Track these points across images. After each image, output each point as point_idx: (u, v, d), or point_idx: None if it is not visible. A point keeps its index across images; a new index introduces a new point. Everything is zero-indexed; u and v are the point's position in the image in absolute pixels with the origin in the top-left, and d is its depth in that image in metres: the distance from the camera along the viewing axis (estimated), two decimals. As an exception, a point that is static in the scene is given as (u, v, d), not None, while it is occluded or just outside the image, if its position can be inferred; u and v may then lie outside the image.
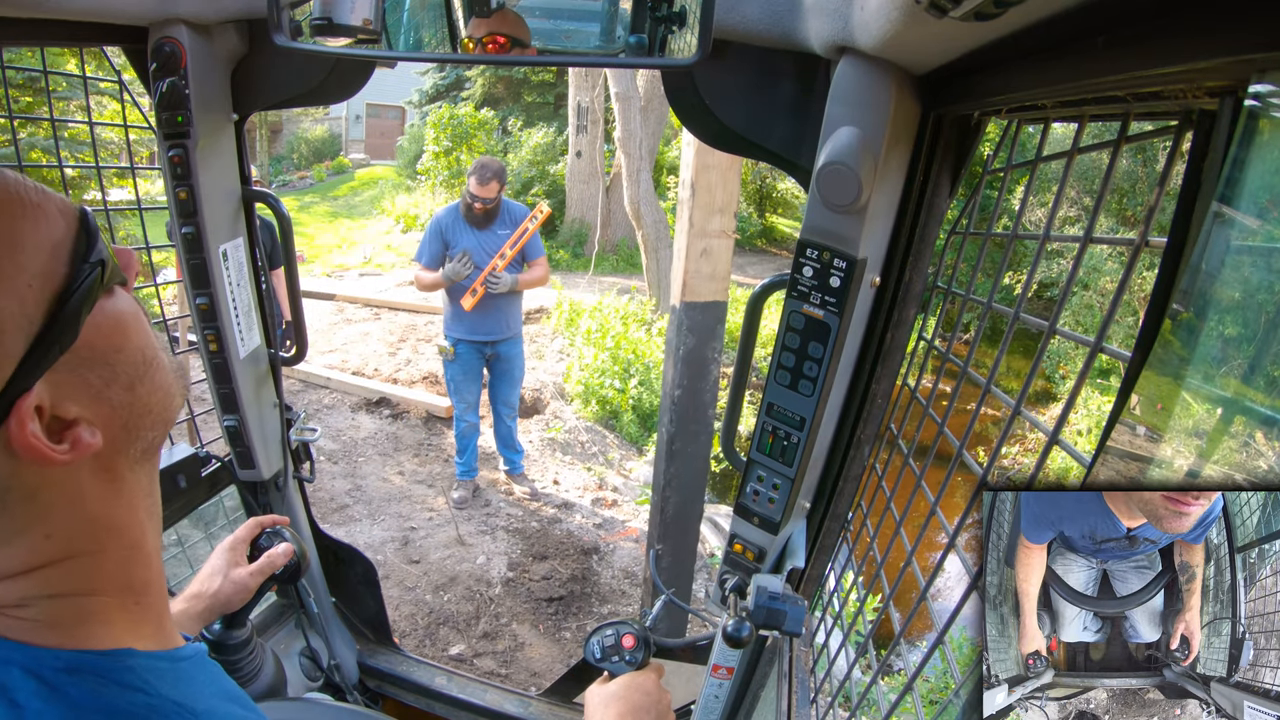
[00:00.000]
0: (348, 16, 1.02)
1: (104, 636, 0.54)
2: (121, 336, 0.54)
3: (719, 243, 3.23)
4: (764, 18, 0.98)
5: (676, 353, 3.30)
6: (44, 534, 0.52)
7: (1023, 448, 7.66)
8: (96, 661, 0.52)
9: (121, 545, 0.56)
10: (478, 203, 4.29)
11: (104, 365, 0.52)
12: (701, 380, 3.32)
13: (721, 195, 3.19)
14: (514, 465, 5.33)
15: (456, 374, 4.69)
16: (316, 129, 21.53)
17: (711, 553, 4.85)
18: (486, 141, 13.48)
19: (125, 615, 0.56)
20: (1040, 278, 9.24)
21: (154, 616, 0.59)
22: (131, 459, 0.56)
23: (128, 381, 0.54)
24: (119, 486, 0.55)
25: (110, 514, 0.55)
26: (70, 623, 0.53)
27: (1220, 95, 0.54)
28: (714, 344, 3.30)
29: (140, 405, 0.55)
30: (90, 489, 0.53)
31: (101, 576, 0.55)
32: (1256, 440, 0.59)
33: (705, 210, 3.18)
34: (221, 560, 1.23)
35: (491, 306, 4.46)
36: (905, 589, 1.04)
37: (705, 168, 3.13)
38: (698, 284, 3.24)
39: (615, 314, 8.31)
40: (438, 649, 3.80)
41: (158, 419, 0.57)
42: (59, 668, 0.50)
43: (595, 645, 1.23)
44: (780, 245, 14.64)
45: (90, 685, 0.51)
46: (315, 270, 11.84)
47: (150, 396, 0.56)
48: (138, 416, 0.55)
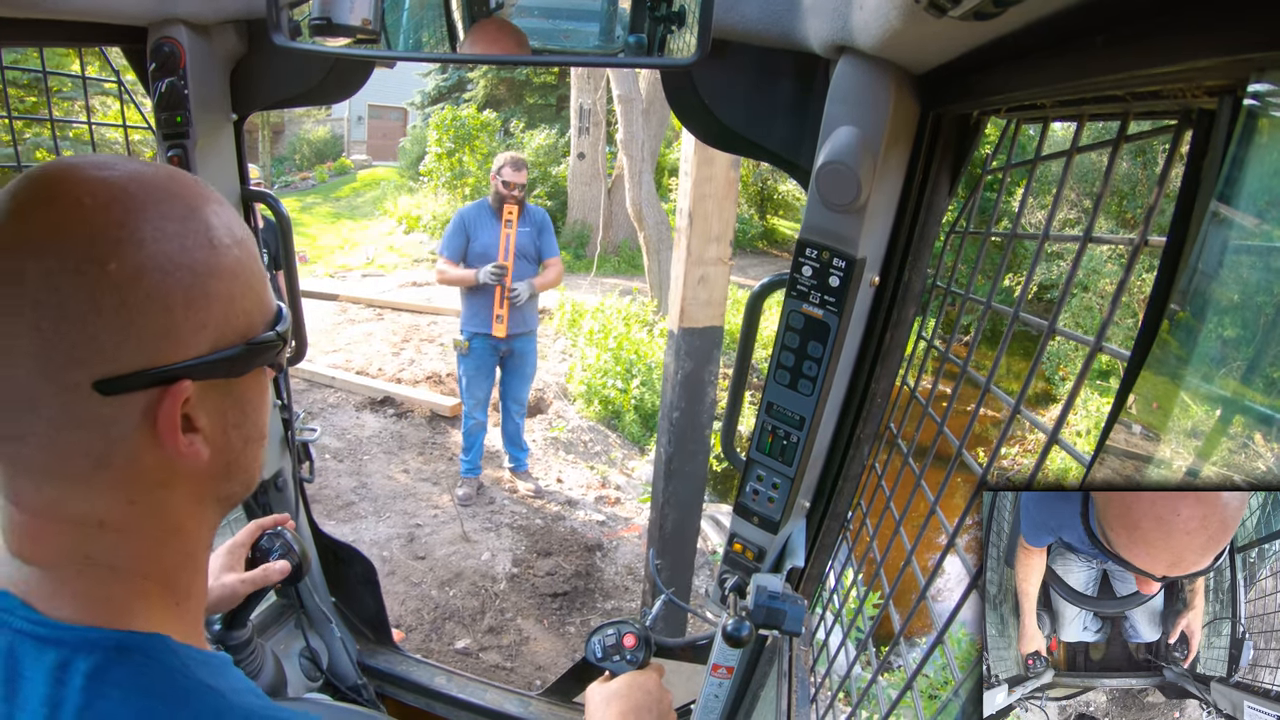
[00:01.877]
0: (347, 16, 1.02)
1: (144, 622, 0.57)
2: (261, 401, 0.64)
3: (715, 269, 3.33)
4: (763, 17, 0.98)
5: (675, 376, 3.42)
6: (128, 499, 0.57)
7: (1022, 448, 7.65)
8: (143, 642, 0.56)
9: (181, 548, 0.61)
10: (514, 189, 4.39)
11: (240, 411, 0.61)
12: (699, 402, 3.44)
13: (718, 224, 3.27)
14: (519, 462, 5.35)
15: (469, 369, 4.72)
16: (318, 130, 21.56)
17: (714, 550, 4.86)
18: (489, 143, 13.48)
19: (166, 609, 0.60)
20: (1040, 279, 9.23)
21: (190, 619, 0.63)
22: (215, 495, 0.63)
23: (245, 436, 0.63)
24: (197, 504, 0.62)
25: (182, 520, 0.61)
26: (119, 602, 0.57)
27: (1219, 94, 0.54)
28: (711, 367, 3.42)
29: (242, 460, 0.63)
30: (179, 490, 0.59)
31: (157, 565, 0.59)
32: (1255, 441, 0.59)
33: (702, 239, 3.27)
34: (217, 563, 1.23)
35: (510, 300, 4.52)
36: (905, 588, 1.04)
37: (702, 197, 3.21)
38: (695, 310, 3.37)
39: (617, 315, 8.31)
40: (444, 643, 3.82)
41: (243, 479, 0.65)
42: (109, 646, 0.54)
43: (597, 644, 1.23)
44: (781, 247, 14.62)
45: (137, 664, 0.55)
46: (318, 271, 11.87)
47: (250, 459, 0.65)
48: (237, 466, 0.63)
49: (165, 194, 0.56)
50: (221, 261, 0.57)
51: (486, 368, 4.73)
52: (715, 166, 3.22)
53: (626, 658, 1.21)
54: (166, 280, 0.53)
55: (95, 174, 0.54)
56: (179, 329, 0.54)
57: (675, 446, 3.49)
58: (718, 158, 3.22)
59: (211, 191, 0.60)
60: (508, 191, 4.40)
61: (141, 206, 0.54)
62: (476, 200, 4.69)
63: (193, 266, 0.55)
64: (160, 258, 0.53)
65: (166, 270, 0.53)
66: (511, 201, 4.42)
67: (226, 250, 0.57)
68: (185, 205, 0.56)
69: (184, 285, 0.54)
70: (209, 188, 0.60)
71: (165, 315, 0.54)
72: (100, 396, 0.52)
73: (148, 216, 0.54)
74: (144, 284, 0.53)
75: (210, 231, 0.57)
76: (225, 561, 1.24)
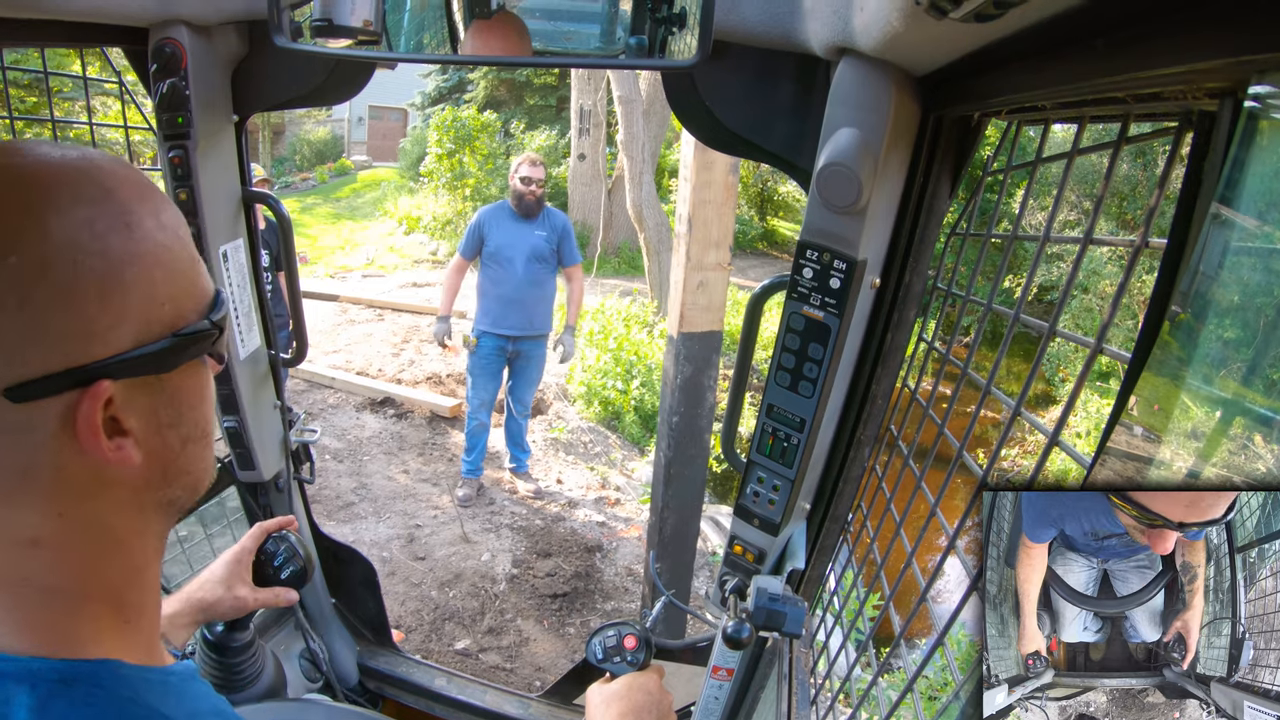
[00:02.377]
0: (348, 18, 1.02)
1: (94, 647, 0.54)
2: (198, 398, 0.59)
3: (715, 275, 3.35)
4: (764, 19, 0.98)
5: (674, 381, 3.44)
6: (57, 511, 0.53)
7: (1022, 449, 7.64)
8: (90, 670, 0.52)
9: (124, 564, 0.57)
10: (533, 185, 4.40)
11: (174, 410, 0.57)
12: (698, 407, 3.47)
13: (717, 230, 3.30)
14: (520, 463, 5.35)
15: (475, 367, 4.72)
16: (319, 131, 21.56)
17: (714, 550, 4.86)
18: (489, 144, 13.48)
19: (115, 630, 0.56)
20: (1040, 280, 9.23)
21: (144, 638, 0.59)
22: (156, 502, 0.58)
23: (182, 438, 0.58)
24: (138, 511, 0.57)
25: (122, 528, 0.56)
26: (63, 626, 0.53)
27: (1220, 96, 0.54)
28: (710, 372, 3.44)
29: (183, 462, 0.58)
30: (112, 496, 0.55)
31: (98, 583, 0.55)
32: (1255, 442, 0.59)
33: (702, 245, 3.29)
34: (225, 571, 1.20)
35: (520, 300, 4.53)
36: (905, 590, 1.04)
37: (702, 203, 3.23)
38: (694, 315, 3.38)
39: (617, 316, 8.30)
40: (443, 644, 3.82)
41: (189, 484, 0.60)
42: (53, 679, 0.51)
43: (597, 645, 1.23)
44: (781, 248, 14.62)
45: (83, 695, 0.51)
46: (318, 271, 11.88)
47: (193, 462, 0.60)
48: (177, 470, 0.58)
49: (77, 177, 0.51)
50: (140, 247, 0.52)
51: (493, 367, 4.73)
52: (714, 172, 3.23)
53: (627, 659, 1.21)
54: (76, 272, 0.49)
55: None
56: (93, 325, 0.50)
57: (675, 451, 3.51)
58: (717, 163, 3.23)
59: (136, 174, 0.55)
60: (525, 188, 4.41)
61: (47, 192, 0.50)
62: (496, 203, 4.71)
63: (105, 253, 0.50)
64: (69, 247, 0.49)
65: (76, 260, 0.49)
66: (530, 198, 4.42)
67: (147, 235, 0.53)
68: (100, 187, 0.52)
69: (97, 275, 0.50)
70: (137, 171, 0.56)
71: (76, 310, 0.49)
72: (12, 404, 0.49)
73: (55, 203, 0.50)
74: (50, 277, 0.48)
75: (127, 215, 0.52)
76: (234, 570, 1.21)
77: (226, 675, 1.30)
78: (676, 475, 3.54)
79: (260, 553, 1.27)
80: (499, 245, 4.48)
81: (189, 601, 1.17)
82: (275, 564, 1.27)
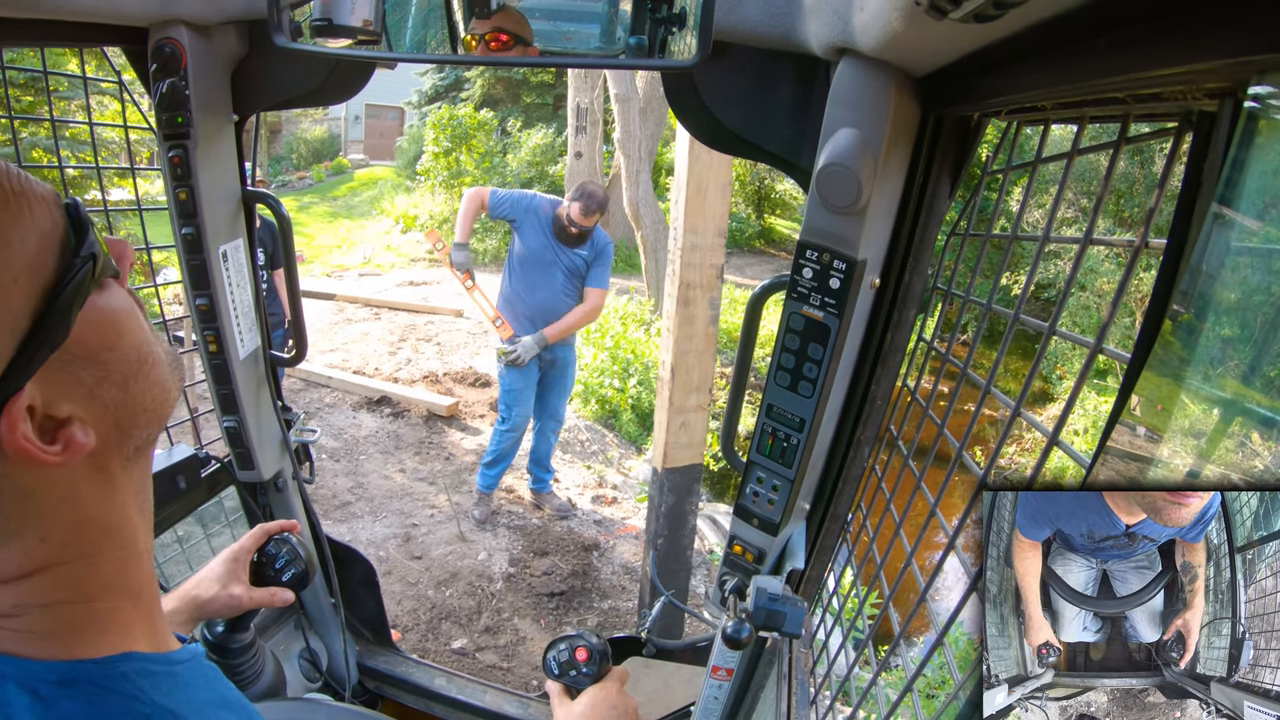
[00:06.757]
0: (348, 17, 1.02)
1: (98, 644, 0.53)
2: (115, 333, 0.52)
3: (695, 416, 3.61)
4: (764, 19, 0.98)
5: (659, 509, 3.72)
6: (38, 537, 0.50)
7: (1020, 448, 7.66)
8: (91, 670, 0.51)
9: (116, 547, 0.55)
10: (574, 227, 4.15)
11: (97, 363, 0.51)
12: (680, 529, 3.76)
13: (698, 375, 3.53)
14: (543, 484, 5.10)
15: (516, 382, 4.40)
16: (316, 129, 21.53)
17: (711, 550, 4.86)
18: (486, 142, 13.47)
19: (120, 620, 0.55)
20: (1039, 279, 9.25)
21: (148, 620, 0.57)
22: (125, 457, 0.54)
23: (121, 379, 0.52)
24: (112, 486, 0.54)
25: (104, 515, 0.54)
26: (65, 632, 0.52)
27: (1220, 97, 0.54)
28: (691, 499, 3.74)
29: (134, 403, 0.53)
30: (84, 489, 0.52)
31: (97, 582, 0.54)
32: (1254, 441, 0.59)
33: (683, 390, 3.53)
34: (223, 569, 1.20)
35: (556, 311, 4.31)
36: (905, 590, 1.04)
37: (684, 353, 3.48)
38: (676, 452, 3.64)
39: (614, 314, 8.31)
40: (440, 643, 3.82)
41: (152, 416, 0.55)
42: (53, 680, 0.49)
43: (552, 661, 1.24)
44: (779, 246, 14.63)
45: (85, 696, 0.50)
46: (315, 270, 11.86)
47: (145, 394, 0.54)
48: (131, 414, 0.53)
49: None
50: None
51: (532, 379, 4.47)
52: (696, 325, 3.44)
53: (582, 671, 1.22)
54: None
55: None
56: None
57: (658, 568, 3.77)
58: (698, 317, 3.42)
59: None
60: (569, 226, 4.16)
61: None
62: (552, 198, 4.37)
63: None
64: None
65: None
66: (572, 233, 4.16)
67: None
68: None
69: None
70: None
71: None
72: None
73: None
74: None
75: None
76: (231, 569, 1.21)
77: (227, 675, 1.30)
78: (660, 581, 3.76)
79: (262, 555, 1.26)
80: (535, 251, 4.25)
81: (185, 599, 1.16)
82: (277, 566, 1.26)
